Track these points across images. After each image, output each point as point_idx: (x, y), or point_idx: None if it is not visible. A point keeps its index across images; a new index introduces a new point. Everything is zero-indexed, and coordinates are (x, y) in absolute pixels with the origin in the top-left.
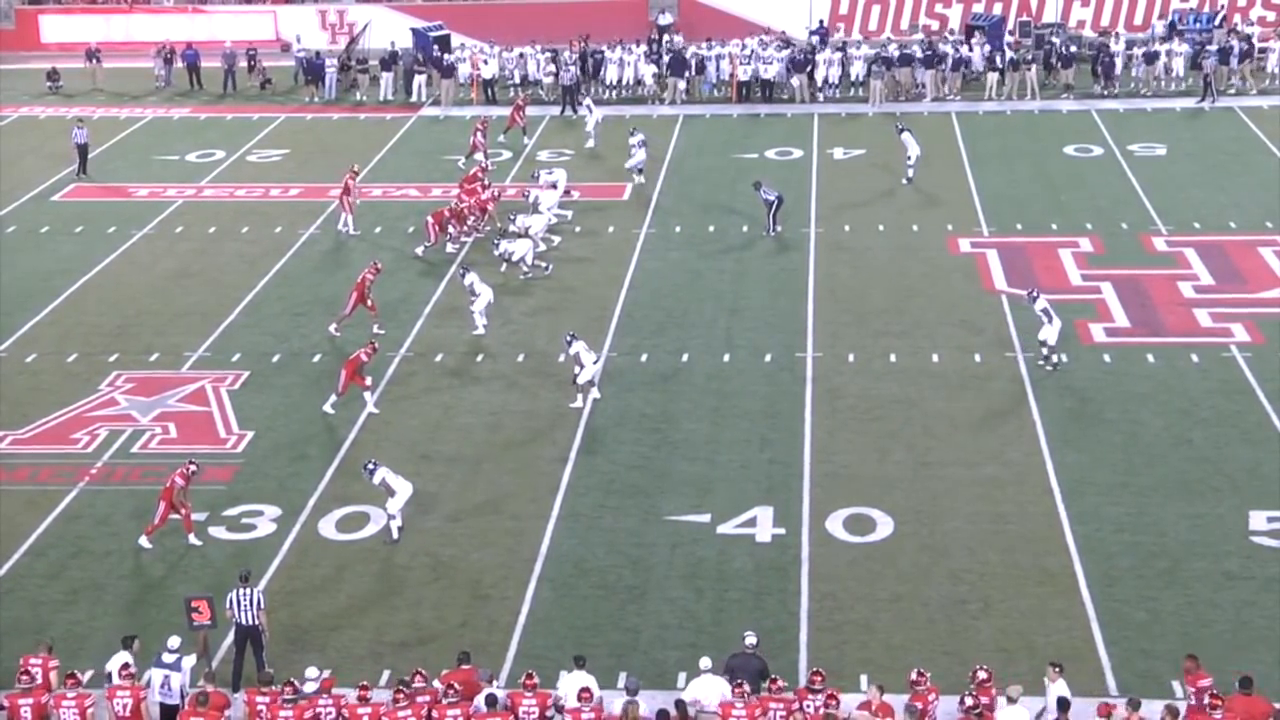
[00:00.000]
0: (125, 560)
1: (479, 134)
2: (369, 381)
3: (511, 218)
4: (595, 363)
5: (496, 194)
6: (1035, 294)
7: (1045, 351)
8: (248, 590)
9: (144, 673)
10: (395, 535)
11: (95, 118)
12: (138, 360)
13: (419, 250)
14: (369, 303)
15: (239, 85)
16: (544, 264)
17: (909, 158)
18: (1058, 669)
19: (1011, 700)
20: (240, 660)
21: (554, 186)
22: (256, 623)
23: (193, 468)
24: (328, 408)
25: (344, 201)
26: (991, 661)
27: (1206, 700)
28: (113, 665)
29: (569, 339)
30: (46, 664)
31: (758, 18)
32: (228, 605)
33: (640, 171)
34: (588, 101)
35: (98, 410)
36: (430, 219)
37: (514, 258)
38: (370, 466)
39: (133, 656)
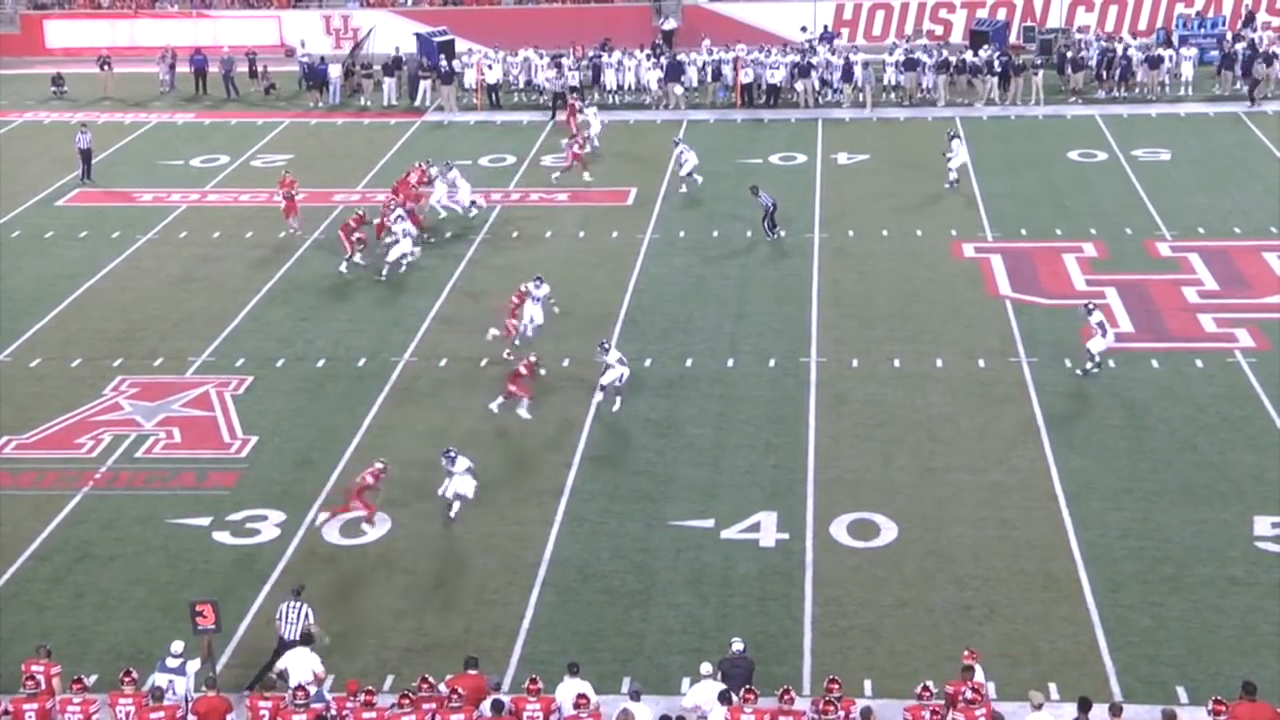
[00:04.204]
0: (129, 565)
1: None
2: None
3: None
4: (621, 362)
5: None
6: (1091, 306)
7: (1089, 364)
8: (299, 605)
9: (147, 678)
10: (453, 513)
11: (100, 123)
12: (142, 365)
13: (342, 267)
14: (514, 317)
15: (242, 90)
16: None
17: (951, 165)
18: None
19: (1036, 707)
20: (269, 667)
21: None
22: (300, 638)
23: (379, 465)
24: (493, 407)
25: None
26: (996, 667)
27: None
28: (290, 663)
29: (604, 347)
30: (49, 670)
31: (761, 23)
32: (277, 616)
33: (691, 175)
34: (592, 109)
35: (102, 415)
36: (340, 232)
37: (390, 258)
38: (451, 454)
39: (314, 654)
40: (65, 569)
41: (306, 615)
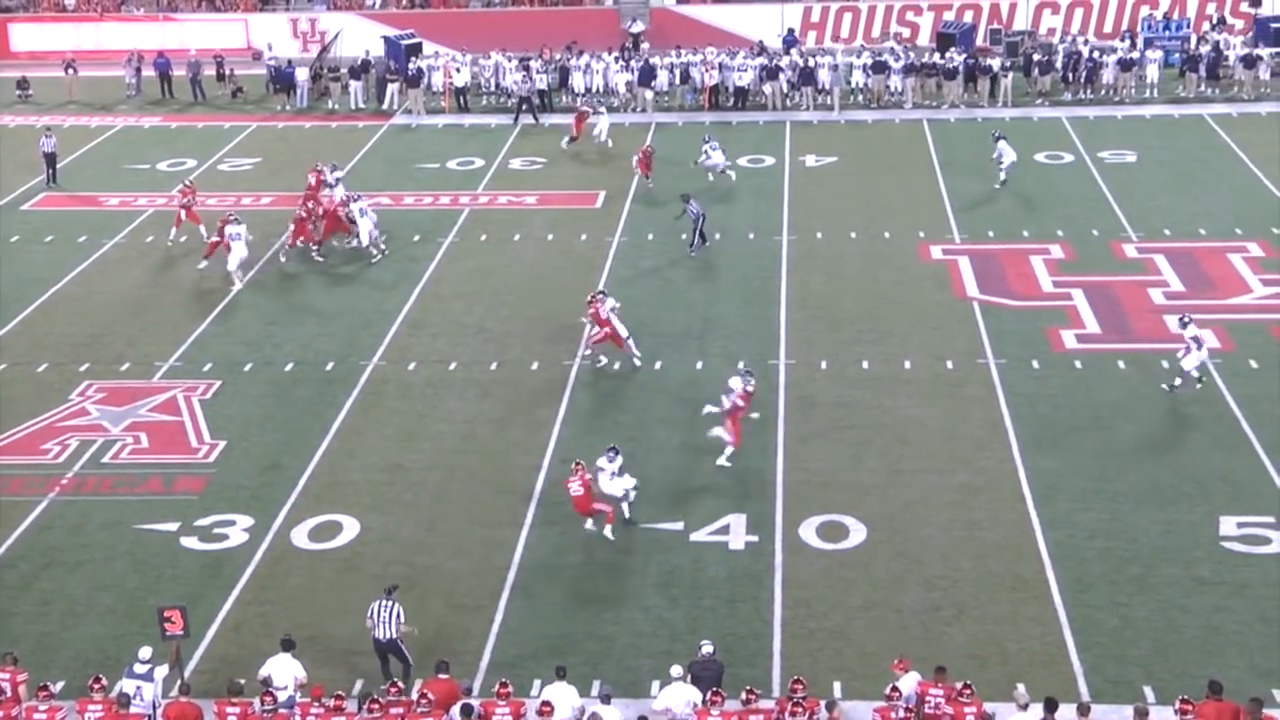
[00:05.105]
0: (97, 571)
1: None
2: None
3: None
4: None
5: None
6: (1187, 319)
7: (1180, 381)
8: (390, 603)
9: (115, 684)
10: (628, 514)
11: (66, 126)
12: (109, 370)
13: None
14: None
15: (209, 94)
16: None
17: (1001, 163)
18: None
19: (1022, 707)
20: (386, 673)
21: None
22: (394, 636)
23: (581, 465)
24: (716, 428)
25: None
26: (964, 668)
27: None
28: (273, 669)
29: (747, 372)
30: (14, 677)
31: (730, 26)
32: (368, 615)
33: (724, 171)
34: (602, 110)
35: (68, 420)
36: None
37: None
38: (616, 447)
39: (296, 659)
40: (32, 575)
41: (398, 615)
